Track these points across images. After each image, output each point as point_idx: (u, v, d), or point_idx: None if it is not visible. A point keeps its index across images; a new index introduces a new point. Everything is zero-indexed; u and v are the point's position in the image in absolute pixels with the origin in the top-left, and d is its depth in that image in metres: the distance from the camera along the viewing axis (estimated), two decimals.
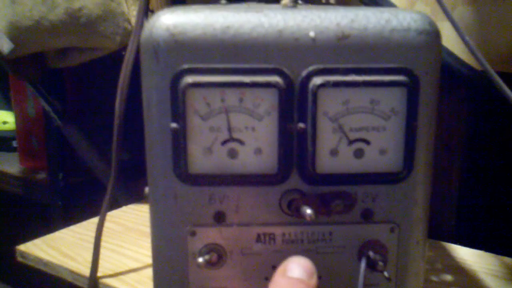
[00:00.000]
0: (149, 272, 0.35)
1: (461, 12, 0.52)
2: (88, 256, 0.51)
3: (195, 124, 0.31)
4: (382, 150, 0.32)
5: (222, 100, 0.31)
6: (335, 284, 0.34)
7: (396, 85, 0.31)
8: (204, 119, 0.31)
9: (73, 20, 0.61)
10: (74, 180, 0.85)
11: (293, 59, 0.31)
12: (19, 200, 0.99)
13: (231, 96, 0.31)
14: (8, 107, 1.09)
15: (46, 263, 0.56)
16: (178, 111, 0.31)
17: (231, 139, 0.32)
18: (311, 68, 0.31)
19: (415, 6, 0.55)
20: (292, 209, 0.32)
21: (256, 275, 0.34)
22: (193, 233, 0.33)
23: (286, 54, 0.31)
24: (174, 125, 0.31)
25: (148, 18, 0.41)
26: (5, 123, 1.11)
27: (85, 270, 0.52)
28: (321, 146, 0.32)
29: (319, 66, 0.31)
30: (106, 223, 0.50)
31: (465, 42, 0.34)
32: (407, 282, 0.35)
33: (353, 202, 0.33)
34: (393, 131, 0.32)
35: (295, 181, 0.32)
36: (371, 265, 0.33)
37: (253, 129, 0.31)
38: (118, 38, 0.61)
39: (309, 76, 0.31)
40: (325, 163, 0.32)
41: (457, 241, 0.57)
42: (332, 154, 0.32)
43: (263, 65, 0.31)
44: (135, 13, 0.60)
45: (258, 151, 0.32)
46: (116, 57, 0.54)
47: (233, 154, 0.32)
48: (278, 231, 0.33)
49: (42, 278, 0.61)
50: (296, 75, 0.31)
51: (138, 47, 0.33)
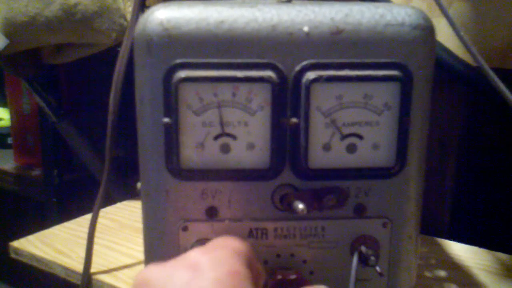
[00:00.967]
0: (142, 268, 0.35)
1: (457, 8, 0.52)
2: (82, 253, 0.51)
3: (187, 119, 0.31)
4: (375, 145, 0.32)
5: (215, 94, 0.31)
6: (328, 279, 0.34)
7: (389, 80, 0.31)
8: (196, 114, 0.31)
9: (69, 16, 0.60)
10: (69, 176, 0.84)
11: (286, 54, 0.31)
12: (13, 197, 0.98)
13: (224, 91, 0.31)
14: (3, 104, 1.09)
15: (39, 260, 0.55)
16: (170, 105, 0.31)
17: (223, 134, 0.31)
18: (304, 63, 0.31)
19: (411, 2, 0.55)
20: (285, 204, 0.32)
21: None
22: (185, 228, 0.33)
23: (279, 49, 0.31)
24: (166, 119, 0.31)
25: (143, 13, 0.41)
26: (0, 120, 1.11)
27: (79, 266, 0.51)
28: (314, 141, 0.32)
29: (313, 60, 0.31)
30: (100, 220, 0.50)
31: (461, 38, 0.34)
32: (399, 277, 0.35)
33: (346, 197, 0.33)
34: (386, 126, 0.32)
35: (287, 176, 0.32)
36: (364, 260, 0.33)
37: (246, 124, 0.31)
38: (114, 34, 0.61)
39: (303, 70, 0.31)
40: (318, 158, 0.32)
41: (451, 237, 0.57)
42: (325, 149, 0.32)
43: (256, 60, 0.31)
44: (130, 9, 0.60)
45: (251, 146, 0.32)
46: (111, 53, 0.54)
47: (225, 149, 0.32)
48: (270, 226, 0.33)
49: (35, 275, 0.61)
50: (290, 69, 0.31)
51: (132, 43, 0.33)
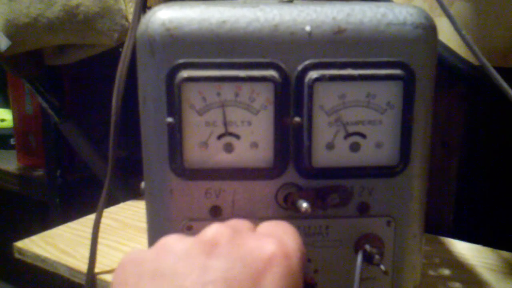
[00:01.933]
0: None
1: (459, 7, 0.52)
2: (86, 253, 0.51)
3: (190, 118, 0.31)
4: (378, 144, 0.32)
5: (218, 94, 0.31)
6: (332, 277, 0.34)
7: (392, 79, 0.31)
8: (199, 113, 0.31)
9: (70, 17, 0.60)
10: (72, 177, 0.84)
11: (289, 53, 0.31)
12: (16, 198, 0.98)
13: (227, 91, 0.31)
14: (6, 105, 1.09)
15: (43, 260, 0.55)
16: (173, 105, 0.31)
17: (227, 133, 0.31)
18: (307, 62, 0.31)
19: (412, 1, 0.55)
20: (288, 203, 0.32)
21: None
22: (189, 228, 0.33)
23: (282, 49, 0.31)
24: (169, 119, 0.31)
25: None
26: (3, 120, 1.11)
27: (83, 266, 0.52)
28: (317, 140, 0.32)
29: (315, 60, 0.31)
30: (104, 220, 0.50)
31: (462, 37, 0.34)
32: (404, 275, 0.35)
33: (349, 195, 0.33)
34: (389, 124, 0.32)
35: (291, 175, 0.32)
36: (368, 259, 0.33)
37: (249, 123, 0.31)
38: (116, 35, 0.61)
39: (305, 70, 0.31)
40: (321, 157, 0.32)
41: (455, 235, 0.57)
42: (328, 148, 0.32)
43: (259, 60, 0.31)
44: (132, 10, 0.60)
45: (254, 145, 0.32)
46: (113, 54, 0.54)
47: (229, 148, 0.32)
48: None
49: (39, 275, 0.61)
50: (292, 69, 0.31)
51: (135, 44, 0.33)
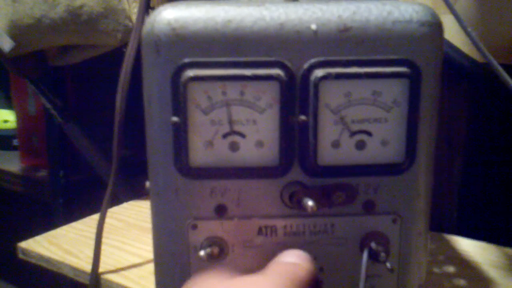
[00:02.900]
0: (151, 267, 0.35)
1: (464, 5, 0.52)
2: (90, 253, 0.51)
3: (196, 117, 0.31)
4: (384, 142, 0.32)
5: (224, 93, 0.31)
6: (338, 275, 0.34)
7: (398, 76, 0.31)
8: (205, 112, 0.31)
9: (74, 18, 0.61)
10: (75, 177, 0.84)
11: (294, 52, 0.31)
12: (20, 198, 0.99)
13: (232, 89, 0.31)
14: (9, 106, 1.09)
15: (47, 260, 0.55)
16: (179, 105, 0.31)
17: (232, 132, 0.31)
18: (312, 61, 0.31)
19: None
20: (294, 202, 0.32)
21: (258, 268, 0.33)
22: (195, 226, 0.33)
23: (287, 47, 0.31)
24: (175, 118, 0.31)
25: (149, 14, 0.41)
26: (6, 121, 1.11)
27: (87, 266, 0.52)
28: (323, 138, 0.32)
29: (321, 58, 0.31)
30: (108, 220, 0.50)
31: (468, 34, 0.34)
32: (409, 273, 0.35)
33: (355, 193, 0.33)
34: (395, 122, 0.32)
35: (296, 174, 0.32)
36: (374, 256, 0.33)
37: (255, 122, 0.31)
38: (119, 35, 0.61)
39: (311, 68, 0.31)
40: (327, 155, 0.32)
41: (459, 233, 0.57)
42: (333, 146, 0.32)
43: (264, 58, 0.31)
44: (136, 10, 0.60)
45: (260, 144, 0.32)
46: (117, 55, 0.54)
47: (234, 147, 0.32)
48: (279, 223, 0.33)
49: (43, 275, 0.61)
50: (298, 67, 0.31)
51: (139, 44, 0.33)
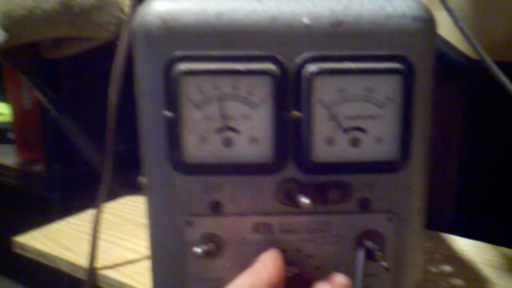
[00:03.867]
0: (147, 263, 0.35)
1: (458, 1, 0.52)
2: (86, 248, 0.51)
3: (189, 112, 0.31)
4: (378, 139, 0.32)
5: (216, 87, 0.30)
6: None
7: (391, 72, 0.30)
8: (198, 107, 0.31)
9: (66, 9, 0.60)
10: (72, 171, 0.84)
11: (287, 46, 0.30)
12: (16, 192, 0.98)
13: (225, 84, 0.30)
14: (3, 99, 1.09)
15: (44, 255, 0.55)
16: (171, 99, 0.30)
17: (225, 127, 0.31)
18: (305, 55, 0.30)
19: None
20: (289, 199, 0.32)
21: None
22: (190, 223, 0.33)
23: (280, 41, 0.30)
24: (167, 113, 0.31)
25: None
26: (0, 115, 1.10)
27: (83, 261, 0.52)
28: (317, 135, 0.31)
29: (313, 53, 0.30)
30: (104, 215, 0.50)
31: (462, 30, 0.34)
32: (405, 271, 0.34)
33: (350, 191, 0.32)
34: (389, 119, 0.31)
35: (291, 170, 0.32)
36: (369, 255, 0.32)
37: (248, 117, 0.31)
38: (112, 27, 0.60)
39: (304, 63, 0.30)
40: (321, 152, 0.31)
41: (456, 232, 0.57)
42: (328, 142, 0.31)
43: (256, 52, 0.30)
44: (128, 1, 0.59)
45: (254, 139, 0.31)
46: (111, 47, 0.54)
47: (228, 142, 0.31)
48: (275, 220, 0.33)
49: (40, 270, 0.61)
50: (290, 62, 0.31)
51: (131, 36, 0.33)
